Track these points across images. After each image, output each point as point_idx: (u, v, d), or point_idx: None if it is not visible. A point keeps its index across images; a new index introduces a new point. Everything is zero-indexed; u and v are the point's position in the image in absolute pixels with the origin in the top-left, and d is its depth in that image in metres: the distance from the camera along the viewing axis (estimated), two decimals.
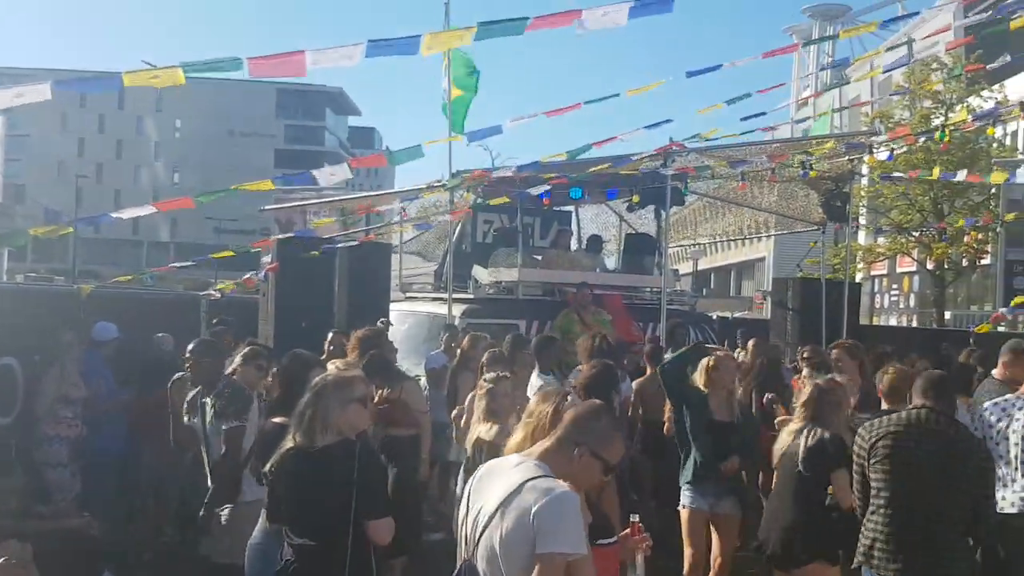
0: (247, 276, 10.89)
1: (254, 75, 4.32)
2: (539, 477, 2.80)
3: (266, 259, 9.59)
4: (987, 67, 8.77)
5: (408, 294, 12.17)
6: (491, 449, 4.88)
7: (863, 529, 4.54)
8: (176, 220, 74.35)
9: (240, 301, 10.94)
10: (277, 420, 4.47)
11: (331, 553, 3.72)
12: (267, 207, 16.25)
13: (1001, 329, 12.11)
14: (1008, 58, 8.36)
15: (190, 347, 5.90)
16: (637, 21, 4.37)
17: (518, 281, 11.12)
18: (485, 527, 2.83)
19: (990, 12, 11.49)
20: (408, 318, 10.86)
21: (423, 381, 8.98)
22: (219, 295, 10.67)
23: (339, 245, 9.64)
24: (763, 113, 9.61)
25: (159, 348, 8.52)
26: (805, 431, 4.99)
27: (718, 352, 6.25)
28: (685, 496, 5.97)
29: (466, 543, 2.95)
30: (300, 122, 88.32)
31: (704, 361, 5.95)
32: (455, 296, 10.58)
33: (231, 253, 9.68)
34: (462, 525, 3.00)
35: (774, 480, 5.37)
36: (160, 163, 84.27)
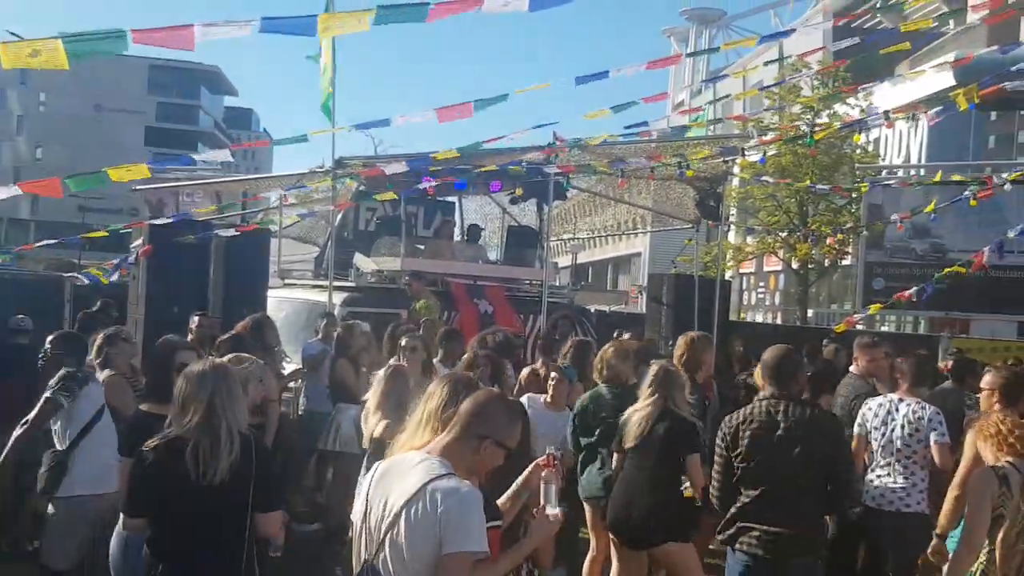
0: (114, 261, 10.46)
1: (138, 43, 4.06)
2: (443, 476, 2.81)
3: (137, 243, 9.22)
4: (859, 88, 9.26)
5: (287, 281, 11.94)
6: (379, 444, 4.85)
7: (728, 512, 4.74)
8: (37, 197, 70.35)
9: (108, 285, 10.49)
10: (145, 408, 4.32)
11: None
12: (139, 187, 15.64)
13: (860, 327, 12.76)
14: (880, 83, 8.84)
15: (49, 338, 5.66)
16: (533, 16, 4.39)
17: (401, 270, 11.07)
18: (390, 528, 2.82)
19: (858, 38, 12.13)
20: (286, 305, 10.66)
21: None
22: (84, 280, 10.20)
23: (216, 232, 9.35)
24: (645, 122, 9.86)
25: (17, 330, 8.12)
26: (658, 416, 5.20)
27: None
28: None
29: (367, 544, 2.91)
30: (173, 100, 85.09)
31: None
32: (336, 284, 10.44)
33: (104, 233, 9.23)
34: (362, 524, 2.96)
35: (619, 462, 5.50)
36: (22, 138, 79.82)
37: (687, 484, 5.12)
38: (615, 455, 5.51)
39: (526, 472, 3.36)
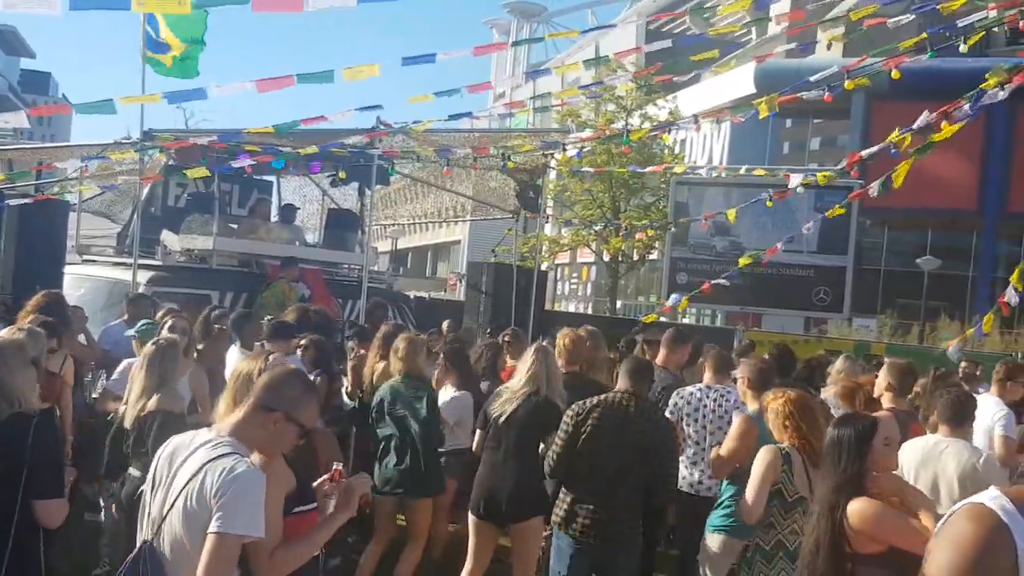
0: None
1: None
2: (224, 456, 2.73)
3: None
4: (674, 77, 9.83)
5: (86, 257, 11.21)
6: (163, 417, 4.74)
7: (562, 496, 4.95)
8: None
9: None
10: None
11: None
12: None
13: (663, 319, 13.45)
14: (693, 74, 9.41)
15: None
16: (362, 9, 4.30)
17: (213, 250, 10.64)
18: (170, 509, 2.72)
19: (671, 40, 12.75)
20: (85, 283, 10.02)
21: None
22: None
23: (7, 203, 8.67)
24: (469, 113, 9.93)
25: None
26: (526, 398, 5.30)
27: None
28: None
29: (149, 524, 2.80)
30: None
31: None
32: (141, 262, 9.88)
33: None
34: (147, 505, 2.85)
35: (480, 440, 5.58)
36: None
37: None
38: (476, 432, 5.56)
39: (315, 484, 3.33)
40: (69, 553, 5.52)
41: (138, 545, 2.82)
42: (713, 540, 5.25)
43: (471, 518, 5.49)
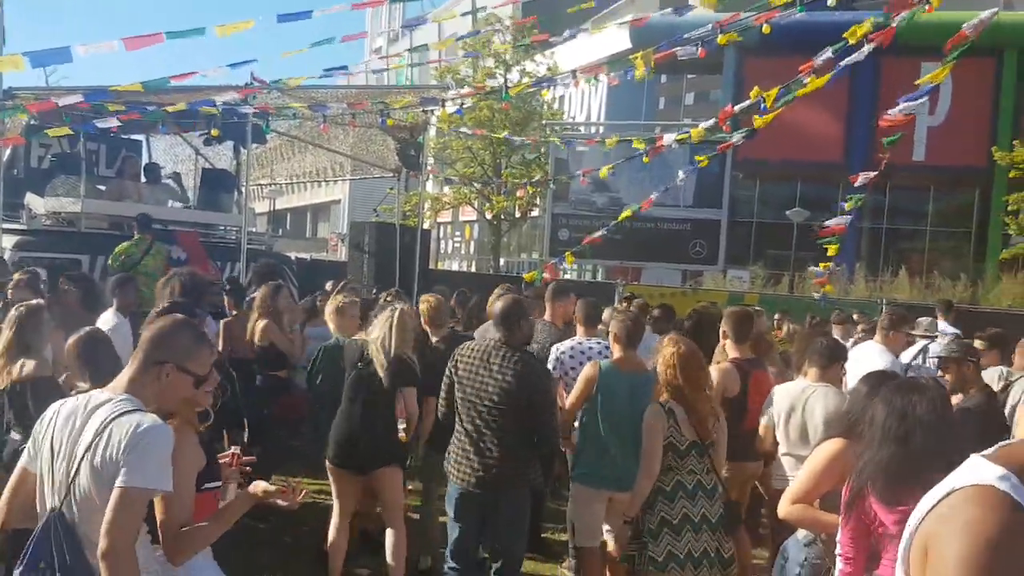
0: None
1: None
2: (128, 412, 2.67)
3: None
4: (550, 38, 9.93)
5: None
6: (35, 387, 4.58)
7: (452, 442, 5.03)
8: None
9: None
10: None
11: None
12: None
13: (545, 276, 13.66)
14: (568, 33, 9.54)
15: None
16: None
17: (81, 213, 10.20)
18: (76, 473, 2.66)
19: None
20: None
21: None
22: None
23: None
24: (345, 67, 9.78)
25: None
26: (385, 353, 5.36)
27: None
28: None
29: (54, 491, 2.73)
30: None
31: None
32: (5, 227, 9.42)
33: None
34: (47, 473, 2.76)
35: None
36: None
37: (402, 421, 5.33)
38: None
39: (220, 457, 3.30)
40: None
41: (45, 515, 2.73)
42: (572, 488, 5.47)
43: (329, 467, 5.54)
